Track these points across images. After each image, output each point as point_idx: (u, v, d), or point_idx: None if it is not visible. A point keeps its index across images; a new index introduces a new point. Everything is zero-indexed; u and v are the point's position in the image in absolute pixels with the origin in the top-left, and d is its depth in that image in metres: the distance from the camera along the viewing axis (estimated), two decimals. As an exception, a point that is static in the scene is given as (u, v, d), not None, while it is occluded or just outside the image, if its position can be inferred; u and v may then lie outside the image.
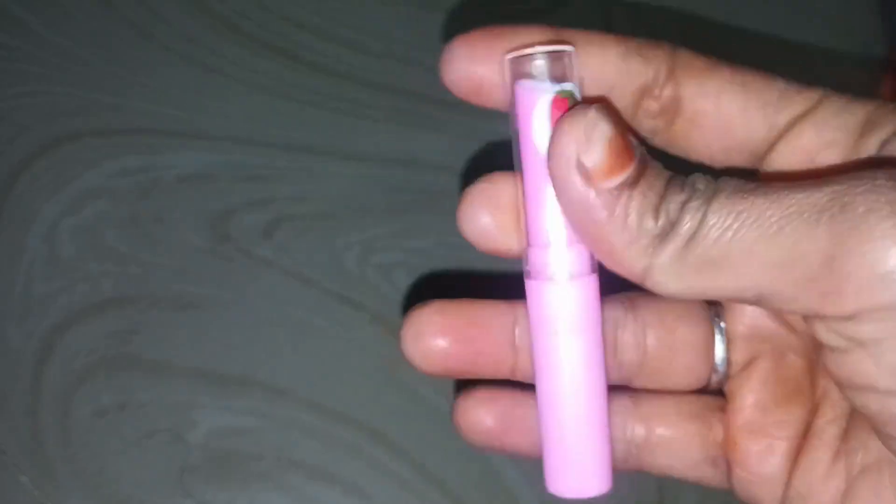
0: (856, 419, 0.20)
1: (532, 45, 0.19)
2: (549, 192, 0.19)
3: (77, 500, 0.29)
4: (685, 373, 0.22)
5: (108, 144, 0.33)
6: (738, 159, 0.20)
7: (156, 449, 0.30)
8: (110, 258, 0.32)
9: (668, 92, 0.19)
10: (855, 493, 0.19)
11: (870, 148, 0.18)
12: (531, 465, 0.31)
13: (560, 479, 0.20)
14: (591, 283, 0.19)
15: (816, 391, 0.21)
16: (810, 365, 0.21)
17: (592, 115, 0.17)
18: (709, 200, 0.17)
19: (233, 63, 0.35)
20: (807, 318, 0.17)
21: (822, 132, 0.18)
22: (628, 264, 0.18)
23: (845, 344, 0.16)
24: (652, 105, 0.19)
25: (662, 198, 0.17)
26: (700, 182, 0.17)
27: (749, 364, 0.21)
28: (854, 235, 0.15)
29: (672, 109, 0.19)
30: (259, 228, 0.33)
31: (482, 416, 0.21)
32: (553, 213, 0.19)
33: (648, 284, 0.18)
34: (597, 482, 0.20)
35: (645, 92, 0.19)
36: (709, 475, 0.22)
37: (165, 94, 0.34)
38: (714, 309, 0.22)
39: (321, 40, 0.36)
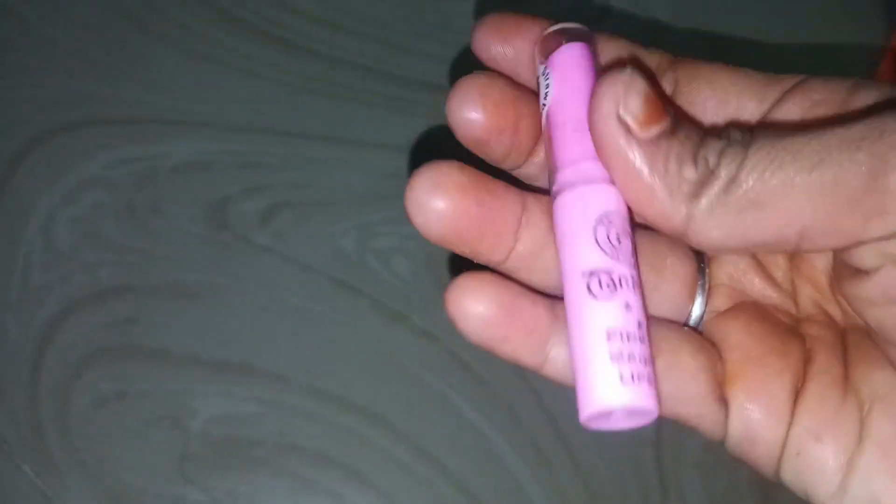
0: (854, 355, 0.20)
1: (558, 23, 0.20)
2: (575, 121, 0.19)
3: (78, 488, 0.29)
4: (668, 302, 0.22)
5: (105, 134, 0.33)
6: None
7: (156, 437, 0.30)
8: (108, 248, 0.32)
9: (668, 77, 0.20)
10: (870, 428, 0.19)
11: (858, 103, 0.18)
12: (532, 449, 0.31)
13: (593, 393, 0.18)
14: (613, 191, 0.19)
15: (806, 338, 0.21)
16: (794, 324, 0.21)
17: (629, 73, 0.18)
18: (747, 145, 0.18)
19: (228, 51, 0.35)
20: (842, 249, 0.18)
21: (810, 95, 0.19)
22: (669, 213, 0.18)
23: (881, 261, 0.17)
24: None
25: (700, 146, 0.18)
26: (735, 132, 0.18)
27: (732, 308, 0.21)
28: (893, 154, 0.16)
29: (672, 92, 0.21)
30: (257, 216, 0.33)
31: (482, 301, 0.20)
32: (580, 137, 0.19)
33: (690, 234, 0.18)
34: (639, 395, 0.18)
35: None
36: (709, 414, 0.21)
37: (161, 84, 0.34)
38: (699, 255, 0.22)
39: (317, 27, 0.36)
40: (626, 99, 0.18)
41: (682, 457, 0.32)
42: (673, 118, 0.18)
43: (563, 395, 0.32)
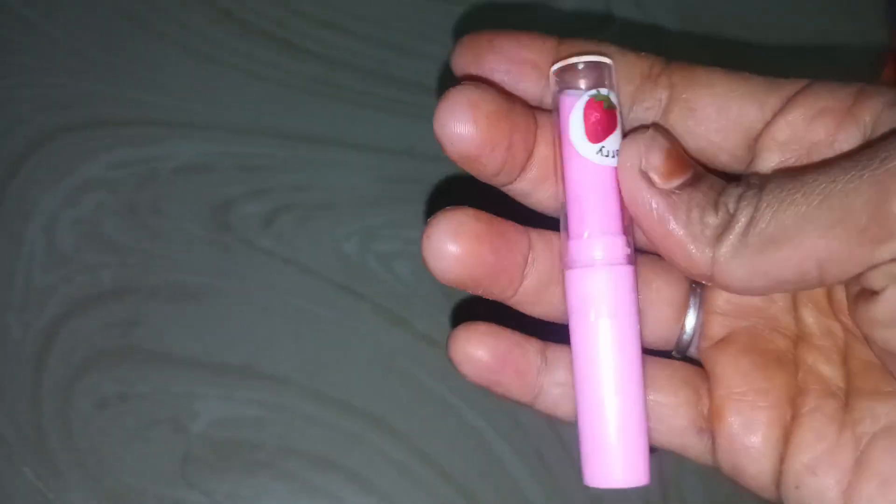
0: (855, 391, 0.20)
1: (572, 55, 0.21)
2: (589, 187, 0.20)
3: (79, 490, 0.29)
4: (654, 326, 0.22)
5: (106, 135, 0.33)
6: (734, 140, 0.20)
7: (157, 439, 0.30)
8: (110, 249, 0.32)
9: (663, 79, 0.21)
10: (869, 459, 0.19)
11: (864, 113, 0.19)
12: (533, 453, 0.31)
13: (598, 470, 0.21)
14: (629, 273, 0.20)
15: (801, 367, 0.21)
16: (794, 344, 0.21)
17: (651, 131, 0.20)
18: (761, 187, 0.18)
19: (230, 52, 0.35)
20: (858, 275, 0.18)
21: (815, 102, 0.19)
22: (696, 259, 0.19)
23: (888, 282, 0.17)
24: (649, 87, 0.21)
25: (720, 194, 0.19)
26: (753, 177, 0.19)
27: (726, 337, 0.22)
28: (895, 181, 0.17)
29: (668, 97, 0.21)
30: (259, 218, 0.33)
31: (479, 348, 0.22)
32: (593, 205, 0.20)
33: (717, 277, 0.19)
34: (635, 473, 0.20)
35: (643, 81, 0.21)
36: (693, 445, 0.22)
37: (163, 85, 0.34)
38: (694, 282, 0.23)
39: (319, 29, 0.36)
40: (648, 155, 0.19)
41: (684, 462, 0.32)
42: (695, 171, 0.19)
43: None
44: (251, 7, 0.35)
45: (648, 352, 0.22)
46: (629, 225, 0.21)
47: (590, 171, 0.20)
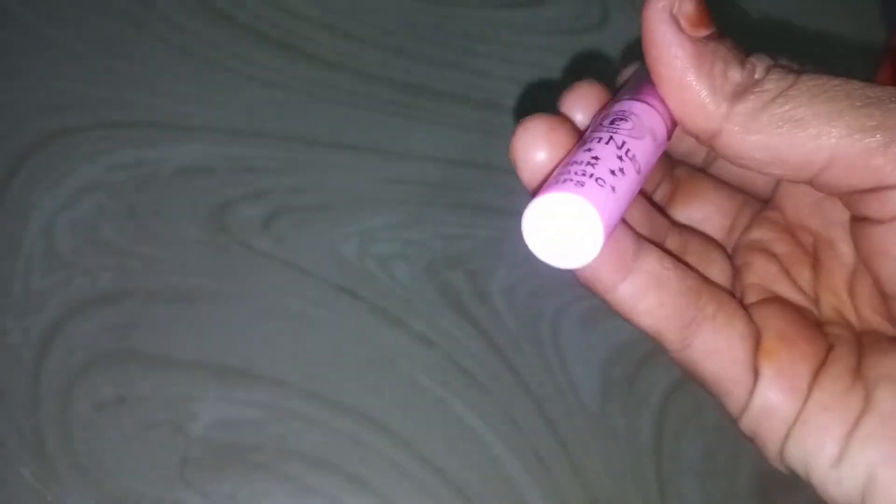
0: (867, 349, 0.21)
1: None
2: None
3: (78, 492, 0.29)
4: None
5: (105, 138, 0.33)
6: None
7: (156, 441, 0.30)
8: (108, 252, 0.32)
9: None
10: (874, 401, 0.20)
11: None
12: (531, 455, 0.31)
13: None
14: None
15: (826, 336, 0.22)
16: (817, 323, 0.22)
17: None
18: (799, 72, 0.19)
19: (229, 55, 0.35)
20: (861, 194, 0.18)
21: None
22: (709, 110, 0.19)
23: (892, 212, 0.18)
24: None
25: (748, 55, 0.19)
26: (784, 60, 0.19)
27: (764, 300, 0.22)
28: None
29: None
30: (257, 220, 0.33)
31: (539, 147, 0.20)
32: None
33: (723, 136, 0.19)
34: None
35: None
36: (743, 379, 0.21)
37: (162, 87, 0.34)
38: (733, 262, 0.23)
39: (318, 31, 0.36)
40: (680, 1, 0.19)
41: (682, 463, 0.32)
42: (720, 31, 0.19)
43: (562, 401, 0.32)
44: (249, 10, 0.36)
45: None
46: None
47: None
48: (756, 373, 0.21)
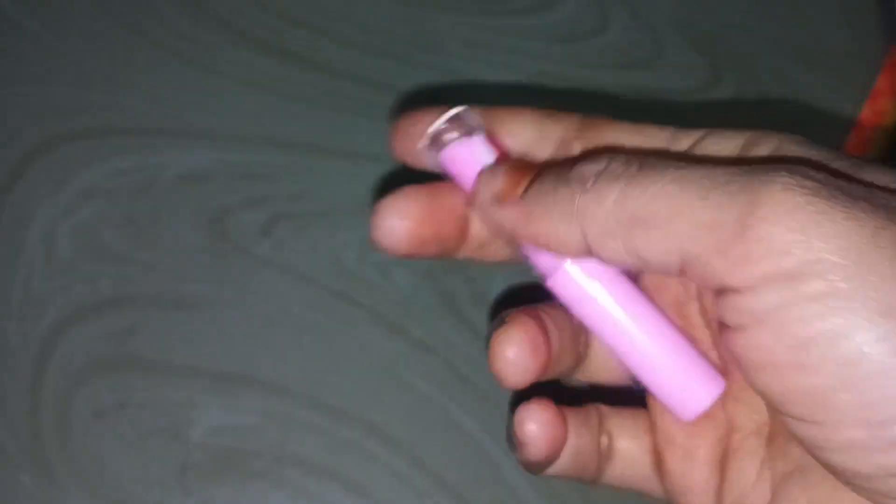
0: (775, 429, 0.20)
1: (433, 118, 0.22)
2: None
3: (77, 499, 0.29)
4: (612, 371, 0.24)
5: (105, 144, 0.33)
6: None
7: (155, 448, 0.30)
8: (108, 258, 0.32)
9: (576, 145, 0.22)
10: (777, 500, 0.20)
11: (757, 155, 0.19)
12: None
13: (685, 403, 0.21)
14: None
15: (727, 402, 0.21)
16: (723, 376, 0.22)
17: (487, 171, 0.21)
18: (636, 165, 0.18)
19: (228, 61, 0.35)
20: (716, 295, 0.18)
21: (705, 152, 0.20)
22: (566, 238, 0.19)
23: (747, 320, 0.17)
24: (562, 154, 0.22)
25: (571, 170, 0.19)
26: (619, 155, 0.19)
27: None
28: (768, 206, 0.16)
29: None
30: (257, 227, 0.33)
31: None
32: None
33: (592, 249, 0.19)
34: (713, 385, 0.21)
35: (560, 146, 0.22)
36: (658, 488, 0.23)
37: (161, 94, 0.34)
38: None
39: (317, 38, 0.36)
40: (490, 185, 0.20)
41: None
42: (540, 167, 0.20)
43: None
44: (249, 17, 0.36)
45: (614, 391, 0.24)
46: None
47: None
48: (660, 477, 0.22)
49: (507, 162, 0.21)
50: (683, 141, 0.20)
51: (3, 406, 0.30)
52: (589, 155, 0.20)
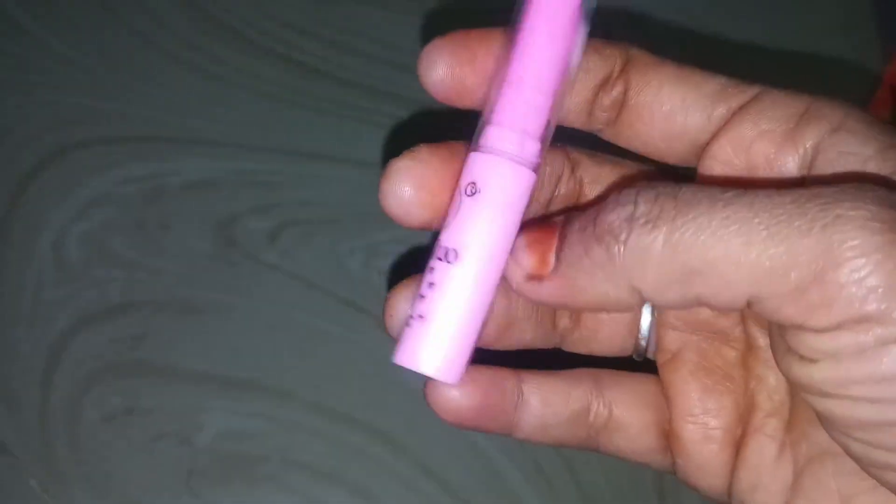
0: (797, 411, 0.20)
1: None
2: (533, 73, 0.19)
3: (85, 502, 0.29)
4: (608, 342, 0.23)
5: (114, 152, 0.34)
6: (679, 149, 0.20)
7: (163, 452, 0.30)
8: (117, 264, 0.32)
9: (618, 87, 0.20)
10: (801, 483, 0.19)
11: (805, 139, 0.18)
12: (534, 468, 0.31)
13: (412, 351, 0.20)
14: (529, 178, 0.19)
15: (750, 381, 0.21)
16: (743, 355, 0.21)
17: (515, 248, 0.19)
18: (671, 205, 0.17)
19: (236, 70, 0.35)
20: (785, 328, 0.17)
21: (758, 122, 0.19)
22: (616, 299, 0.18)
23: (819, 355, 0.16)
24: (605, 99, 0.20)
25: (606, 214, 0.17)
26: (644, 191, 0.17)
27: (678, 354, 0.22)
28: (845, 247, 0.15)
29: (620, 102, 0.20)
30: (264, 234, 0.33)
31: (460, 398, 0.21)
32: (526, 98, 0.19)
33: (650, 301, 0.18)
34: (450, 368, 0.20)
35: (601, 87, 0.20)
36: (658, 461, 0.22)
37: (170, 102, 0.34)
38: None
39: (324, 47, 0.36)
40: (519, 263, 0.19)
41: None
42: (561, 229, 0.18)
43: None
44: (258, 27, 0.36)
45: (609, 361, 0.22)
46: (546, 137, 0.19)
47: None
48: (670, 452, 0.22)
49: (525, 234, 0.19)
50: (733, 99, 0.19)
51: (13, 410, 0.30)
52: (607, 195, 0.18)
